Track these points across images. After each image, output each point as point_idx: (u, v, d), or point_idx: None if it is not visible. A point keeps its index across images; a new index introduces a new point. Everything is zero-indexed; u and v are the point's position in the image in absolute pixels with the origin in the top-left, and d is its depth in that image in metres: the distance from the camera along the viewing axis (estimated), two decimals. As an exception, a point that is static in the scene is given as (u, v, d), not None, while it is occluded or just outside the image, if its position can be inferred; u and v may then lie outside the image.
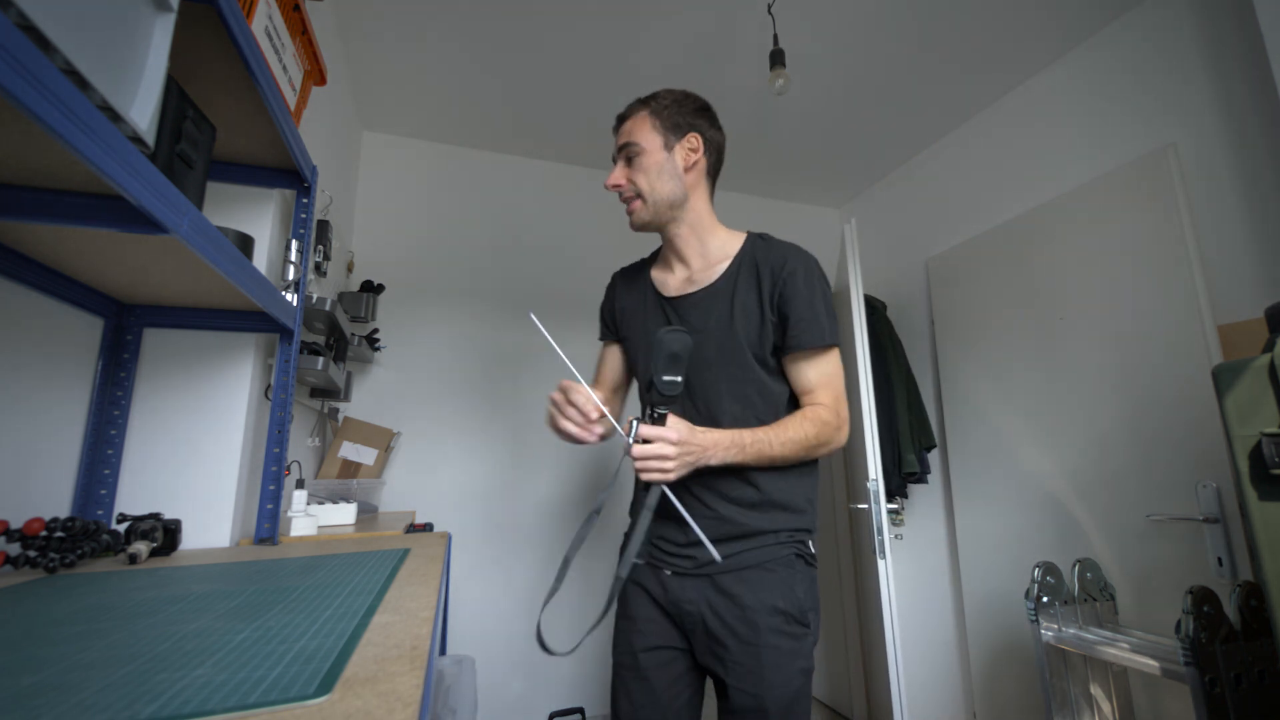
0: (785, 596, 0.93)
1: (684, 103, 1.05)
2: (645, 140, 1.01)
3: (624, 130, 1.04)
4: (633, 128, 1.03)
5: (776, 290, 0.97)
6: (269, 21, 0.95)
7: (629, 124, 1.04)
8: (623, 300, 1.15)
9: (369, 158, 2.36)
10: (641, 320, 1.10)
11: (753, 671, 0.90)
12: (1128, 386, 1.66)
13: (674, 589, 0.98)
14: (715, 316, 0.99)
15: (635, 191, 1.02)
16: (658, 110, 1.03)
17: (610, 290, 1.21)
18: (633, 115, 1.05)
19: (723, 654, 0.93)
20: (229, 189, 1.15)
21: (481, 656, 2.10)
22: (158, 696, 0.37)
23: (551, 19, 1.80)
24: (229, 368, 1.13)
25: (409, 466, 2.17)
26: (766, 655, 0.90)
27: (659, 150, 1.02)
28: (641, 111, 1.04)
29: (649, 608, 1.01)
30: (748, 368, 0.97)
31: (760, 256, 1.00)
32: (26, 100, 0.40)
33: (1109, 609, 1.50)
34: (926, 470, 2.29)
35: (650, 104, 1.04)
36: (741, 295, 0.99)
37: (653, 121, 1.02)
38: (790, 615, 0.92)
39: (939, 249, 2.40)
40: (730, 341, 0.97)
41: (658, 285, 1.10)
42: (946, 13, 1.77)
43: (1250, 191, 1.47)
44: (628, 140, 1.02)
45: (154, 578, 0.76)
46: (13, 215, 0.61)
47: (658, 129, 1.02)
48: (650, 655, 0.99)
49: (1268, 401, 1.00)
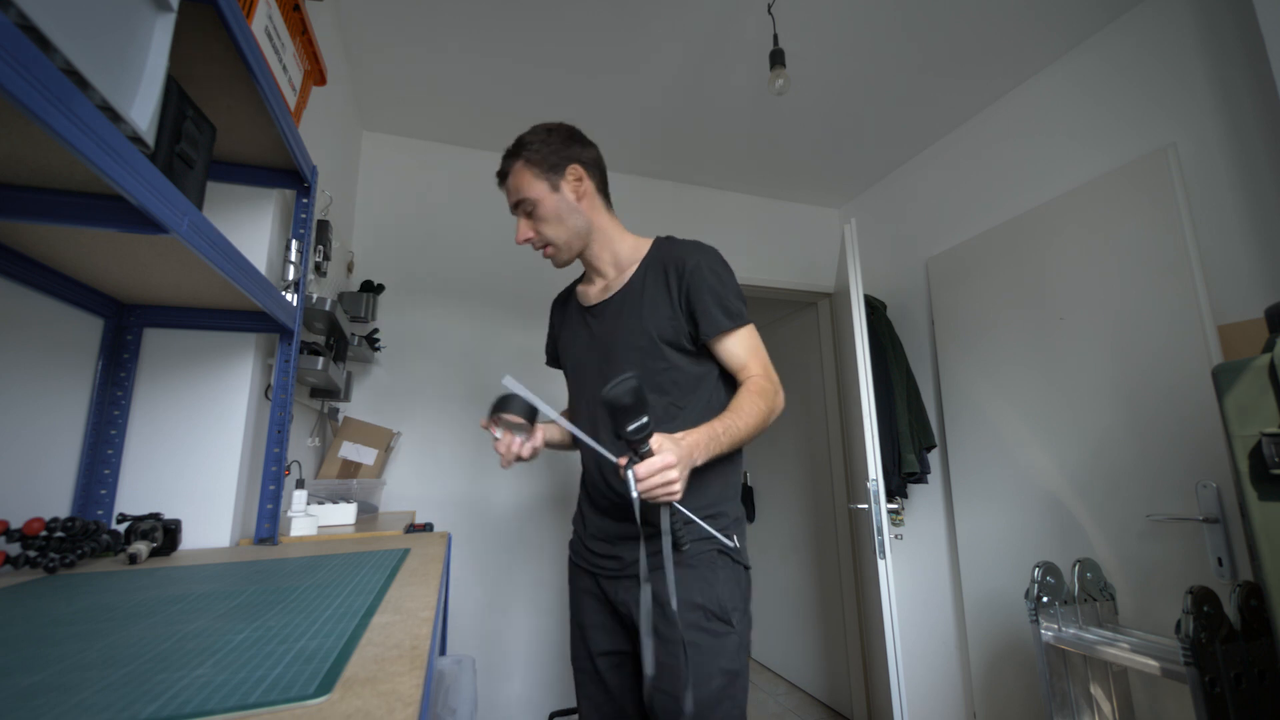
0: (704, 592, 0.94)
1: (550, 140, 1.07)
2: (532, 191, 1.05)
3: (510, 188, 1.07)
4: (516, 183, 1.06)
5: (684, 285, 1.01)
6: (269, 21, 0.95)
7: (511, 180, 1.07)
8: (559, 323, 1.24)
9: (369, 158, 2.35)
10: (570, 335, 1.17)
11: (670, 670, 0.90)
12: (1128, 386, 1.66)
13: (611, 592, 1.02)
14: (626, 315, 1.06)
15: (544, 240, 1.07)
16: (531, 159, 1.06)
17: (551, 317, 1.29)
18: (511, 171, 1.07)
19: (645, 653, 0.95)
20: (229, 189, 1.15)
21: (481, 656, 2.10)
22: (158, 696, 0.37)
23: (551, 19, 1.80)
24: (229, 368, 1.13)
25: (409, 466, 2.17)
26: (683, 652, 0.90)
27: (548, 195, 1.05)
28: (516, 164, 1.06)
29: (599, 614, 1.05)
30: (661, 357, 1.02)
31: (665, 256, 1.06)
32: (26, 100, 0.40)
33: (1109, 609, 1.50)
34: (926, 470, 2.29)
35: (522, 154, 1.06)
36: (650, 292, 1.04)
37: (531, 171, 1.05)
38: (709, 611, 0.93)
39: (939, 249, 2.41)
40: (642, 337, 1.02)
41: (580, 299, 1.18)
42: (946, 13, 1.77)
43: (1250, 191, 1.47)
44: (519, 197, 1.05)
45: (154, 578, 0.76)
46: (13, 215, 0.61)
47: (539, 175, 1.05)
48: (604, 659, 1.04)
49: (1268, 401, 1.00)
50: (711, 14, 1.78)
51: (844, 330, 2.27)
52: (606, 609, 1.04)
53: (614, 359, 1.05)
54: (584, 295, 1.17)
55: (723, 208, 2.86)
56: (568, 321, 1.21)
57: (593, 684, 1.05)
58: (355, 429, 1.84)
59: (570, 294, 1.25)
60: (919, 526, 2.44)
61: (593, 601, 1.06)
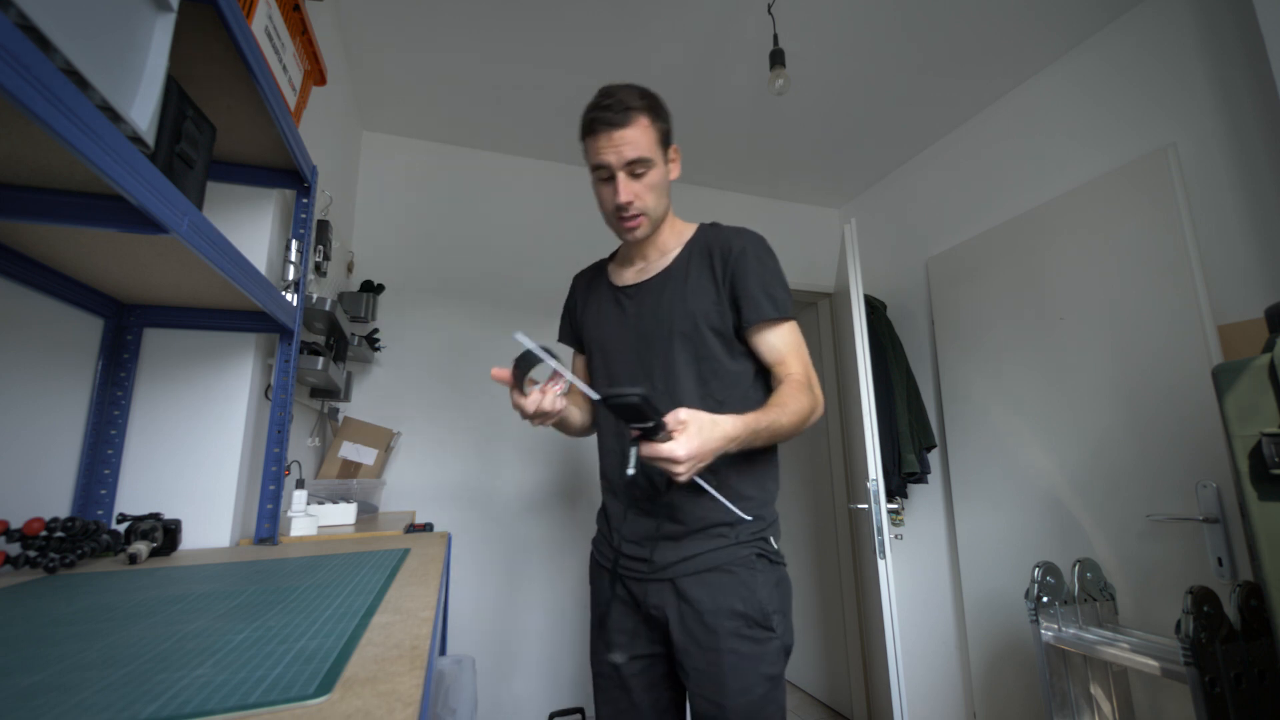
0: (745, 599, 0.90)
1: (661, 104, 0.99)
2: (653, 154, 0.95)
3: (628, 140, 0.93)
4: (639, 138, 0.94)
5: (729, 270, 0.97)
6: (269, 21, 0.95)
7: (633, 133, 0.93)
8: (583, 300, 1.16)
9: (369, 158, 2.35)
10: (596, 313, 1.10)
11: (713, 678, 0.88)
12: (1128, 386, 1.66)
13: (640, 594, 0.97)
14: (668, 298, 1.00)
15: (643, 209, 0.97)
16: (655, 120, 0.96)
17: (572, 292, 1.21)
18: (633, 122, 0.93)
19: (685, 661, 0.91)
20: (229, 189, 1.15)
21: (481, 656, 2.10)
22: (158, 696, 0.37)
23: (552, 19, 1.80)
24: (229, 368, 1.13)
25: (409, 466, 2.17)
26: (726, 660, 0.88)
27: (662, 165, 0.98)
28: (642, 118, 0.94)
29: (625, 617, 0.99)
30: (702, 344, 0.97)
31: (710, 240, 1.01)
32: (26, 100, 0.40)
33: (1109, 609, 1.50)
34: (926, 470, 2.29)
35: (647, 110, 0.95)
36: (694, 276, 0.99)
37: (655, 132, 0.96)
38: (750, 618, 0.90)
39: (939, 249, 2.41)
40: (684, 321, 0.97)
41: (611, 277, 1.11)
42: (946, 12, 1.77)
43: (1250, 191, 1.47)
44: (637, 155, 0.93)
45: (154, 578, 0.76)
46: (13, 215, 0.61)
47: (659, 142, 0.97)
48: (629, 664, 0.98)
49: (1268, 401, 1.00)
50: (711, 14, 1.78)
51: (844, 330, 2.27)
52: (633, 611, 0.99)
53: (652, 343, 0.99)
54: (617, 275, 1.11)
55: (723, 208, 2.86)
56: (595, 300, 1.12)
57: (615, 688, 1.00)
58: (355, 429, 1.84)
59: (599, 272, 1.16)
60: (919, 526, 2.44)
61: (618, 605, 1.00)
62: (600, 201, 1.00)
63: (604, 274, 1.14)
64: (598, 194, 1.00)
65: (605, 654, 1.00)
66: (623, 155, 0.93)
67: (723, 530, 0.94)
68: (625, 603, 1.00)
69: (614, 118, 0.93)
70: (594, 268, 1.20)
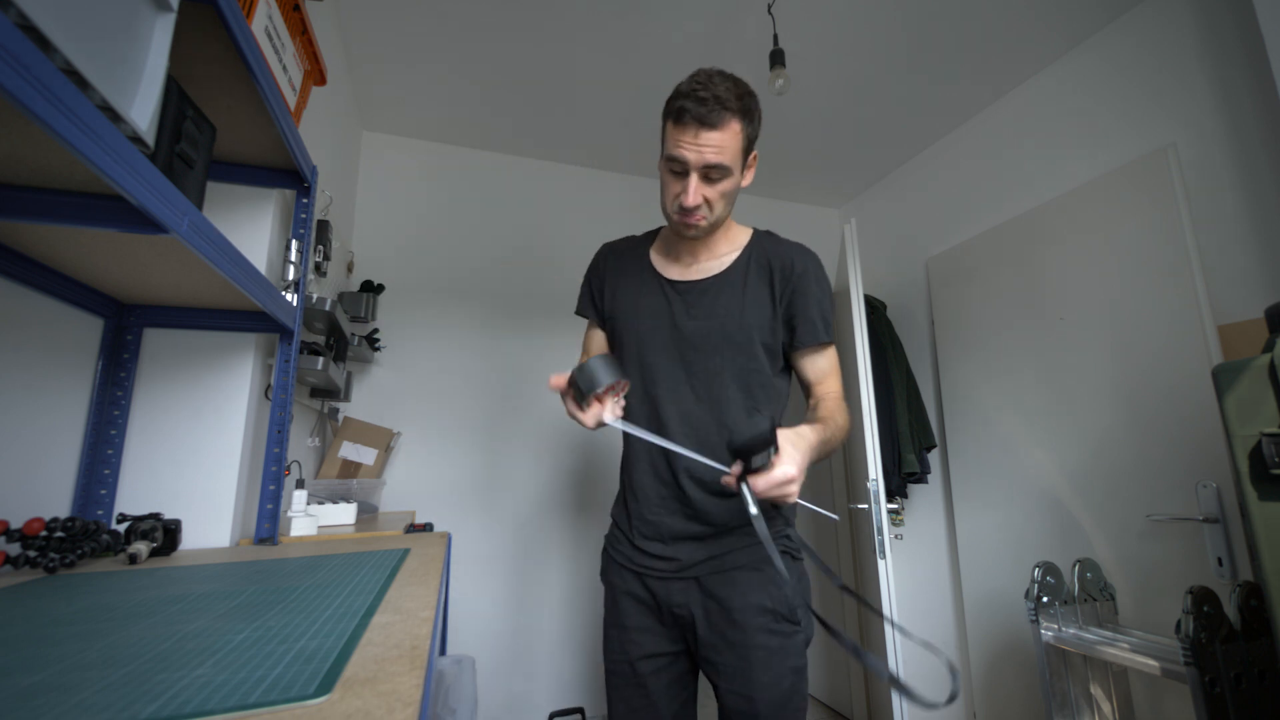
0: (773, 595, 0.92)
1: (756, 107, 0.93)
2: (734, 163, 0.90)
3: (714, 143, 0.87)
4: (725, 144, 0.88)
5: (788, 289, 0.97)
6: (269, 21, 0.95)
7: (720, 136, 0.87)
8: (615, 277, 1.09)
9: (369, 158, 2.35)
10: (635, 299, 1.04)
11: (742, 673, 0.89)
12: (1128, 386, 1.66)
13: (662, 593, 0.97)
14: (725, 304, 0.97)
15: (708, 212, 0.94)
16: (747, 127, 0.91)
17: (599, 263, 1.13)
18: (724, 125, 0.87)
19: (713, 657, 0.92)
20: (229, 189, 1.15)
21: (481, 656, 2.10)
22: (158, 696, 0.37)
23: (552, 19, 1.80)
24: (229, 368, 1.13)
25: (409, 466, 2.17)
26: (755, 655, 0.89)
27: (739, 174, 0.94)
28: (734, 123, 0.88)
29: (642, 616, 0.99)
30: (754, 357, 0.97)
31: (771, 252, 0.99)
32: (26, 100, 0.40)
33: (1109, 609, 1.50)
34: (926, 470, 2.29)
35: (741, 115, 0.89)
36: (753, 288, 0.98)
37: (742, 141, 0.91)
38: (778, 614, 0.92)
39: (939, 249, 2.40)
40: (740, 332, 0.96)
41: (656, 265, 1.05)
42: (946, 12, 1.77)
43: (1250, 191, 1.47)
44: (719, 161, 0.88)
45: (154, 578, 0.76)
46: (13, 215, 0.61)
47: (743, 150, 0.92)
48: (646, 663, 0.98)
49: (1268, 401, 1.00)
50: (711, 14, 1.78)
51: (844, 330, 2.27)
52: (651, 610, 0.98)
53: (701, 347, 0.97)
54: (662, 264, 1.05)
55: (723, 208, 2.86)
56: (634, 284, 1.05)
57: (630, 688, 0.98)
58: (355, 429, 1.84)
59: (637, 252, 1.09)
60: (919, 526, 2.44)
61: (633, 602, 0.99)
62: (663, 187, 0.96)
63: (645, 258, 1.08)
64: (663, 180, 0.95)
65: (621, 652, 0.99)
66: (704, 157, 0.88)
67: (746, 529, 0.94)
68: (644, 601, 0.99)
69: (707, 114, 0.86)
70: (629, 244, 1.13)
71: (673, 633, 0.98)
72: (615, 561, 1.04)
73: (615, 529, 1.07)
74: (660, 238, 1.10)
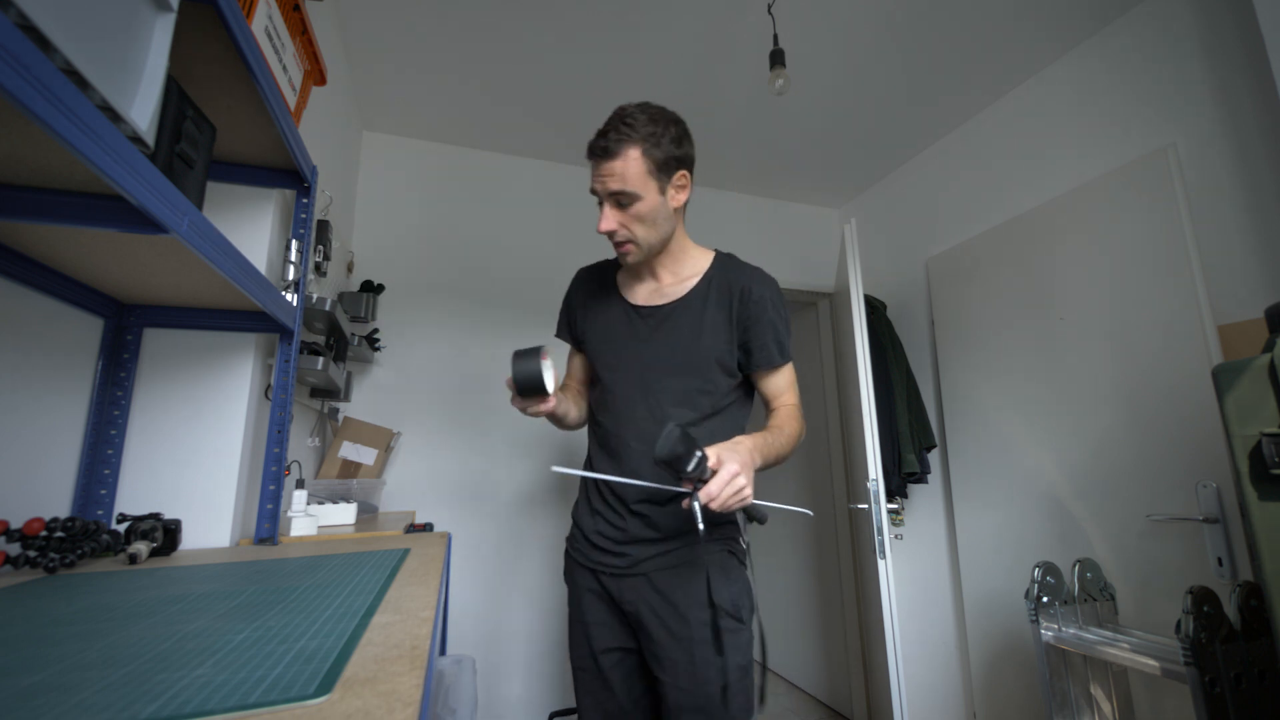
0: (718, 592, 0.95)
1: (667, 131, 0.95)
2: (640, 187, 0.94)
3: (613, 172, 0.93)
4: (624, 171, 0.93)
5: (746, 314, 1.01)
6: (269, 21, 0.95)
7: (618, 165, 0.93)
8: (587, 301, 1.16)
9: (369, 158, 2.35)
10: (604, 324, 1.11)
11: (685, 668, 0.92)
12: (1128, 386, 1.66)
13: (614, 589, 1.01)
14: (684, 330, 1.03)
15: (629, 237, 0.99)
16: (651, 151, 0.93)
17: (575, 287, 1.20)
18: (621, 153, 0.92)
19: (658, 652, 0.95)
20: (229, 189, 1.15)
21: (481, 656, 2.10)
22: (158, 696, 0.37)
23: (552, 19, 1.80)
24: (229, 368, 1.13)
25: (409, 466, 2.17)
26: (699, 650, 0.91)
27: (654, 195, 0.96)
28: (632, 150, 0.92)
29: (601, 610, 1.04)
30: (709, 378, 1.01)
31: (730, 278, 1.04)
32: (26, 100, 0.40)
33: (1109, 609, 1.50)
34: (926, 470, 2.29)
35: (642, 141, 0.93)
36: (711, 312, 1.03)
37: (647, 164, 0.94)
38: (724, 610, 0.94)
39: (939, 249, 2.40)
40: (696, 355, 1.01)
41: (624, 293, 1.11)
42: (947, 12, 1.77)
43: (1250, 191, 1.47)
44: (621, 188, 0.94)
45: (154, 578, 0.76)
46: (13, 215, 0.61)
47: (651, 173, 0.94)
48: (606, 656, 1.03)
49: (1268, 401, 1.00)
50: (712, 14, 1.77)
51: (844, 330, 2.27)
52: (609, 606, 1.03)
53: (661, 371, 1.02)
54: (628, 289, 1.11)
55: (723, 207, 2.86)
56: (603, 310, 1.12)
57: (594, 681, 1.04)
58: (355, 429, 1.84)
59: (605, 278, 1.16)
60: (919, 526, 2.44)
61: (594, 599, 1.05)
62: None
63: (613, 284, 1.14)
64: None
65: (584, 646, 1.04)
66: (606, 186, 0.95)
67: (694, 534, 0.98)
68: (600, 597, 1.04)
69: (602, 147, 0.94)
70: (599, 269, 1.19)
71: (627, 629, 1.02)
72: (575, 561, 1.09)
73: (575, 529, 1.12)
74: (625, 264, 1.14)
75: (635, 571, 0.99)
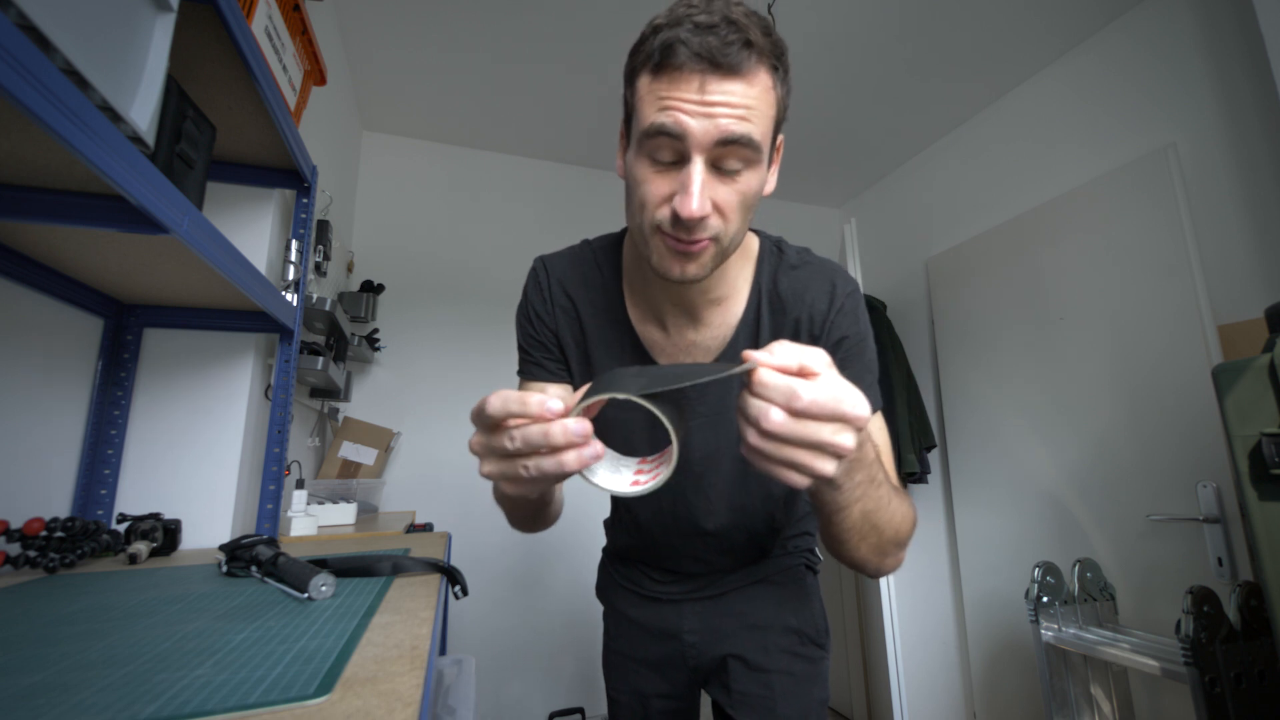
0: (798, 614, 0.79)
1: (785, 63, 0.54)
2: (765, 140, 0.52)
3: (735, 101, 0.49)
4: (755, 103, 0.50)
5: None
6: (269, 21, 0.95)
7: (747, 90, 0.49)
8: (583, 327, 0.72)
9: (369, 158, 2.36)
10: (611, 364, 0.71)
11: (763, 702, 0.75)
12: (1128, 387, 1.66)
13: (672, 619, 0.82)
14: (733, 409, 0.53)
15: (718, 230, 0.54)
16: (780, 84, 0.53)
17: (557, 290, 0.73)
18: (752, 75, 0.49)
19: (728, 682, 0.78)
20: (229, 189, 1.15)
21: (481, 656, 2.10)
22: (158, 696, 0.37)
23: (552, 19, 1.80)
24: (229, 368, 1.13)
25: (409, 466, 2.17)
26: (778, 683, 0.76)
27: (764, 165, 0.54)
28: (765, 75, 0.51)
29: (648, 644, 0.84)
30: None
31: (789, 299, 0.67)
32: (26, 100, 0.40)
33: (1109, 609, 1.50)
34: (926, 470, 2.29)
35: (778, 64, 0.52)
36: None
37: (776, 104, 0.53)
38: (805, 635, 0.79)
39: (939, 249, 2.40)
40: None
41: (640, 332, 0.70)
42: (946, 12, 1.77)
43: (1250, 191, 1.47)
44: (746, 133, 0.49)
45: (154, 578, 0.76)
46: (13, 215, 0.61)
47: (775, 124, 0.54)
48: (658, 701, 0.84)
49: (1268, 401, 1.00)
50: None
51: (844, 330, 2.26)
52: (660, 642, 0.83)
53: (705, 470, 0.71)
54: (642, 323, 0.70)
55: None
56: (610, 343, 0.71)
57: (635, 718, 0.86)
58: (355, 429, 1.84)
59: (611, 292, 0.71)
60: (919, 526, 2.43)
61: (639, 632, 0.84)
62: (631, 191, 0.56)
63: (620, 305, 0.71)
64: (635, 179, 0.55)
65: (628, 684, 0.86)
66: (719, 126, 0.49)
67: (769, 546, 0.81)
68: (648, 630, 0.84)
69: (723, 53, 0.48)
70: (592, 268, 0.73)
71: (682, 671, 0.83)
72: (617, 582, 0.89)
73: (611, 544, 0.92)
74: (626, 270, 0.72)
75: (697, 596, 0.80)
